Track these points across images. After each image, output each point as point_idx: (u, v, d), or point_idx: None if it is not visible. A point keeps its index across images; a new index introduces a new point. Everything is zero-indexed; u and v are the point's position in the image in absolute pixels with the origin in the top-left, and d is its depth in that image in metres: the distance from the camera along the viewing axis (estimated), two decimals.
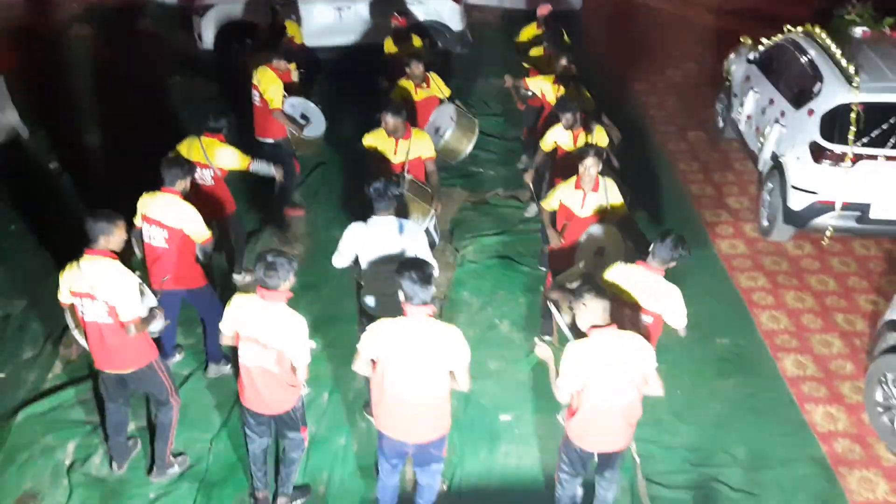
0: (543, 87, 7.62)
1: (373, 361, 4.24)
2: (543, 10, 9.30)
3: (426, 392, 4.15)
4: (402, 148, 6.40)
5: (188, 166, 5.53)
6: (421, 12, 11.36)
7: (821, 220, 7.15)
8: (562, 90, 7.42)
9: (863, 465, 5.44)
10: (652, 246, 4.75)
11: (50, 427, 5.56)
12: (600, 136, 6.77)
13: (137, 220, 5.48)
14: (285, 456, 4.87)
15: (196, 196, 6.39)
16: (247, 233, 7.19)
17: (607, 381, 4.12)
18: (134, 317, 4.58)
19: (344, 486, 5.21)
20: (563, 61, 7.47)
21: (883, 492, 5.25)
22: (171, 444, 5.15)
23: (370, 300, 5.23)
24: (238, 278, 7.05)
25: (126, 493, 5.14)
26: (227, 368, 6.03)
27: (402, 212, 5.22)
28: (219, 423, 5.64)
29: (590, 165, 5.76)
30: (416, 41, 9.19)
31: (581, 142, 6.66)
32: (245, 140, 7.46)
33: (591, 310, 4.10)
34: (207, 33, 11.29)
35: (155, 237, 5.41)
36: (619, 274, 4.81)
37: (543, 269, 7.24)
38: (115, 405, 5.07)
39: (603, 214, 5.88)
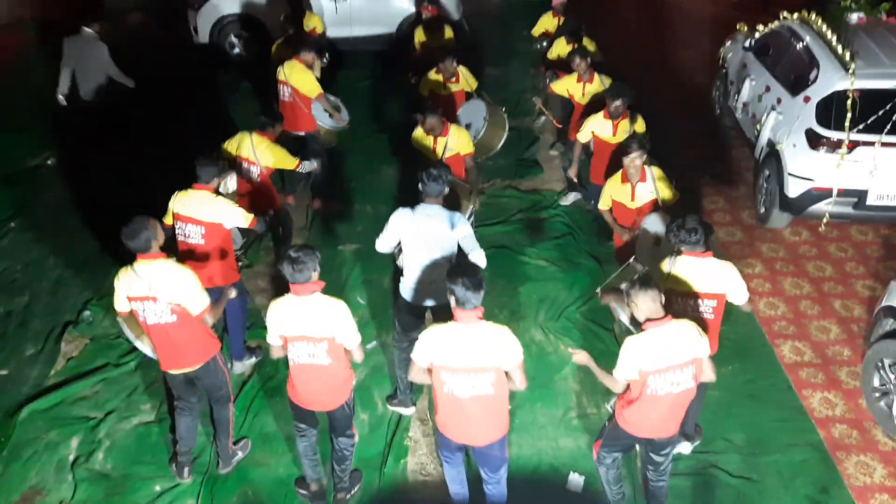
0: (569, 88, 7.65)
1: (428, 369, 4.25)
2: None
3: (483, 394, 4.15)
4: (441, 145, 6.47)
5: (224, 165, 5.50)
6: (417, 1, 11.32)
7: (818, 207, 7.17)
8: (587, 87, 7.45)
9: (860, 449, 5.49)
10: (681, 238, 4.73)
11: (54, 423, 5.61)
12: (641, 125, 6.81)
13: (168, 219, 5.43)
14: (338, 455, 4.91)
15: (242, 191, 6.45)
16: (292, 228, 7.17)
17: (665, 371, 4.17)
18: (205, 306, 4.62)
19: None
20: (578, 61, 7.44)
21: (880, 476, 5.30)
22: (231, 437, 5.21)
23: (410, 289, 5.24)
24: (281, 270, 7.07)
25: (131, 487, 5.19)
26: (251, 361, 6.08)
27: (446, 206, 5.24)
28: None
29: (634, 157, 5.82)
30: (448, 32, 9.20)
31: (621, 132, 6.69)
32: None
33: (642, 304, 4.17)
34: (203, 27, 11.27)
35: (191, 234, 5.36)
36: (671, 268, 4.80)
37: (563, 204, 7.53)
38: (187, 404, 5.06)
39: (654, 203, 5.93)
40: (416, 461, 5.37)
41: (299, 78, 7.36)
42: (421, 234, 5.09)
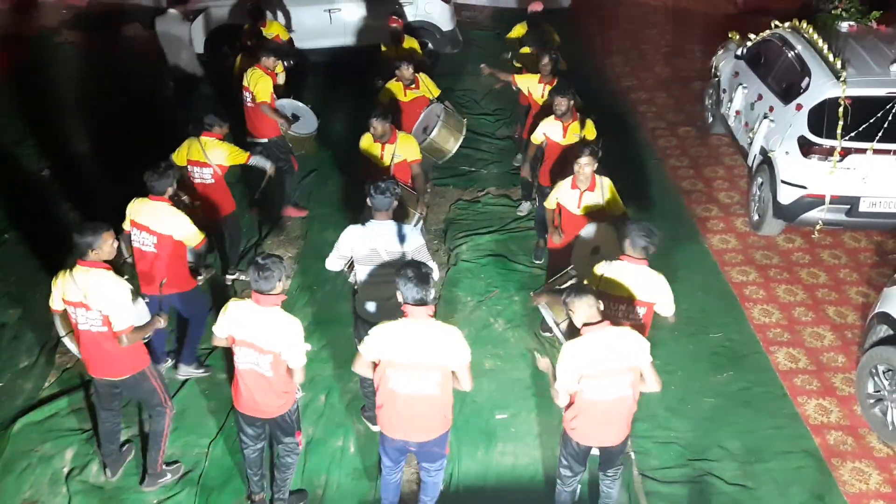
0: (530, 86, 7.67)
1: (374, 363, 4.27)
2: (535, 6, 9.34)
3: (428, 392, 4.19)
4: (388, 152, 6.45)
5: (174, 172, 5.53)
6: (411, 13, 11.37)
7: (811, 214, 7.20)
8: (547, 89, 7.46)
9: (855, 456, 5.50)
10: (625, 238, 4.80)
11: (47, 435, 5.58)
12: (590, 131, 6.81)
13: (126, 225, 5.51)
14: (280, 461, 4.89)
15: (196, 195, 6.46)
16: (241, 233, 7.22)
17: (602, 375, 4.17)
18: (127, 326, 4.61)
19: (341, 489, 5.24)
20: (545, 60, 7.51)
21: (875, 482, 5.30)
22: (163, 453, 5.15)
23: (370, 306, 5.22)
24: (231, 277, 7.09)
25: (124, 499, 5.16)
26: (198, 372, 6.06)
27: (393, 215, 5.22)
28: (216, 428, 5.66)
29: (584, 164, 5.79)
30: (412, 42, 9.23)
31: (571, 134, 6.70)
32: (239, 142, 7.50)
33: (579, 309, 4.19)
34: (197, 37, 11.28)
35: (145, 242, 5.44)
36: (606, 271, 4.86)
37: (538, 261, 7.30)
38: (108, 413, 5.08)
39: (599, 213, 5.92)
40: (411, 471, 5.35)
41: (254, 83, 7.40)
42: (374, 251, 5.07)
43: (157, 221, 5.39)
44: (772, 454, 5.48)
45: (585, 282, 4.83)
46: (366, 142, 6.59)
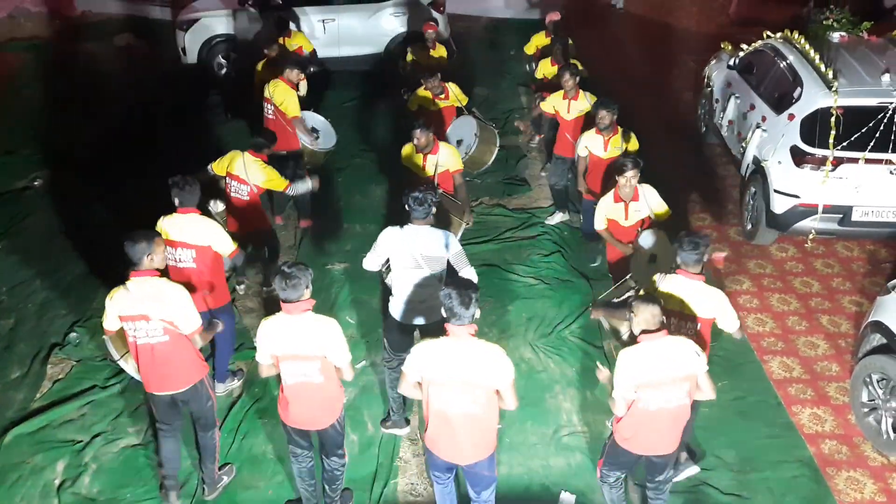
0: (556, 105, 7.71)
1: (419, 383, 4.24)
2: (553, 16, 9.39)
3: (472, 410, 4.14)
4: (431, 162, 6.48)
5: (199, 184, 5.46)
6: (405, 23, 11.42)
7: (804, 223, 7.22)
8: (572, 104, 7.53)
9: (850, 465, 5.50)
10: (677, 255, 4.76)
11: (39, 447, 5.53)
12: (632, 141, 6.87)
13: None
14: (329, 475, 4.87)
15: (231, 210, 6.49)
16: (279, 248, 7.19)
17: (658, 384, 4.18)
18: (198, 326, 4.61)
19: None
20: (566, 77, 7.52)
21: (870, 492, 5.30)
22: (218, 462, 5.15)
23: (402, 308, 5.23)
24: (268, 290, 7.09)
25: None
26: (235, 383, 6.04)
27: (437, 224, 5.25)
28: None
29: (630, 177, 5.86)
30: (441, 51, 9.29)
31: (612, 147, 6.77)
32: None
33: (641, 316, 4.19)
34: (192, 47, 11.31)
35: (182, 259, 5.34)
36: (663, 285, 4.82)
37: (594, 265, 7.41)
38: (170, 427, 4.97)
39: (647, 221, 5.96)
40: (407, 482, 5.33)
41: (282, 97, 7.45)
42: (410, 254, 5.09)
43: (193, 234, 5.30)
44: (767, 463, 5.47)
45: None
46: (407, 152, 6.64)
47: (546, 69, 8.77)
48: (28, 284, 7.17)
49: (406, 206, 5.11)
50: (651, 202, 5.99)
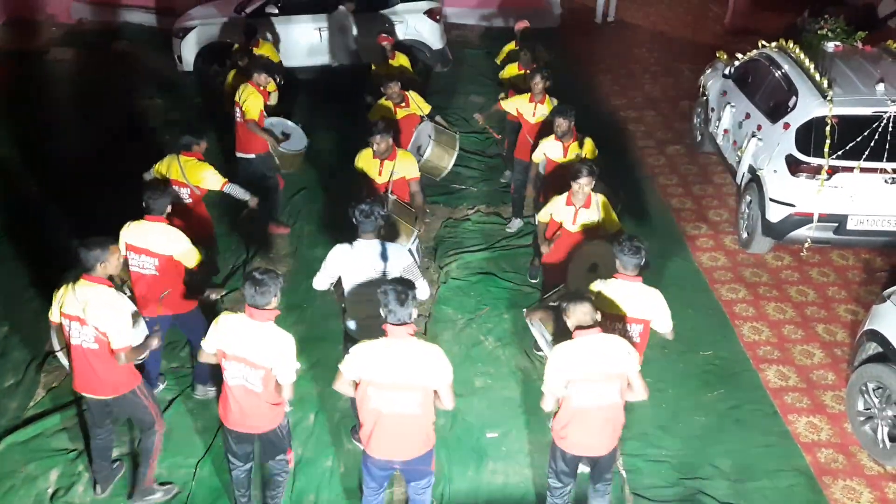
0: (519, 107, 7.67)
1: (356, 382, 4.24)
2: (521, 24, 9.39)
3: (409, 411, 4.15)
4: (387, 169, 6.43)
5: (171, 191, 5.50)
6: (401, 31, 11.44)
7: (799, 232, 7.23)
8: (538, 107, 7.49)
9: (846, 474, 5.49)
10: (616, 258, 4.80)
11: (32, 455, 5.50)
12: (590, 149, 6.83)
13: (122, 250, 5.38)
14: (270, 479, 4.83)
15: (174, 215, 6.42)
16: (218, 253, 7.18)
17: (590, 380, 4.19)
18: (125, 345, 4.57)
19: None
20: (536, 79, 7.48)
21: (867, 501, 5.29)
22: (152, 470, 5.09)
23: (353, 324, 5.22)
24: (213, 295, 7.02)
25: None
26: (212, 391, 5.99)
27: (388, 233, 5.21)
28: (203, 448, 5.59)
29: (584, 184, 5.82)
30: (402, 59, 9.27)
31: (571, 154, 6.72)
32: (228, 158, 7.53)
33: (574, 314, 4.22)
34: (188, 55, 11.32)
35: (144, 265, 5.36)
36: (602, 289, 4.85)
37: (533, 280, 7.29)
38: (99, 430, 5.03)
39: (595, 230, 5.94)
40: (402, 490, 5.31)
41: (244, 99, 7.44)
42: (362, 270, 5.06)
43: (157, 242, 5.31)
44: (763, 472, 5.46)
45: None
46: (363, 158, 6.54)
47: (512, 72, 8.72)
48: (22, 292, 7.13)
49: (353, 220, 5.07)
50: (602, 212, 5.95)
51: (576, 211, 5.95)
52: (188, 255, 5.42)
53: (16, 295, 7.11)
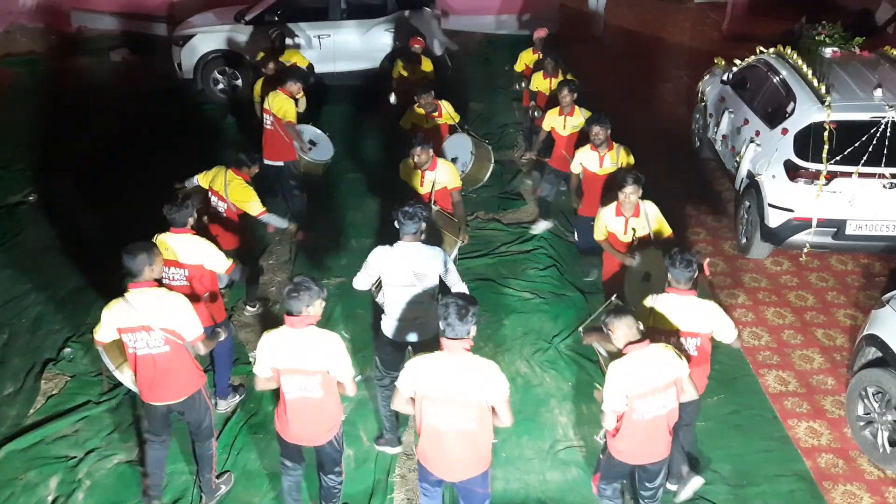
0: (552, 122, 7.72)
1: (412, 398, 4.21)
2: (541, 32, 9.42)
3: (466, 427, 4.10)
4: (428, 179, 6.46)
5: (194, 202, 5.44)
6: (399, 38, 11.47)
7: (798, 237, 7.24)
8: (567, 120, 7.57)
9: (847, 479, 5.49)
10: (668, 272, 4.77)
11: (32, 463, 5.49)
12: (626, 156, 6.87)
13: None
14: (326, 492, 4.83)
15: (210, 224, 6.43)
16: (258, 267, 7.23)
17: (650, 393, 4.20)
18: (201, 333, 4.62)
19: None
20: (565, 93, 7.53)
21: None
22: (215, 472, 5.14)
23: (395, 326, 5.21)
24: (250, 310, 7.06)
25: None
26: (236, 399, 6.01)
27: (430, 242, 5.24)
28: None
29: (630, 192, 5.84)
30: (427, 65, 9.32)
31: (608, 163, 6.78)
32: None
33: (619, 331, 4.23)
34: (187, 63, 11.34)
35: (175, 277, 5.33)
36: (655, 305, 4.81)
37: (588, 279, 7.38)
38: (159, 438, 5.00)
39: (647, 238, 5.96)
40: (403, 497, 5.31)
41: (280, 105, 7.51)
42: (402, 272, 5.07)
43: (185, 253, 5.29)
44: (763, 477, 5.46)
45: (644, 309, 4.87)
46: (405, 169, 6.62)
47: (539, 83, 8.84)
48: (22, 299, 7.14)
49: (396, 223, 5.09)
50: (652, 220, 5.99)
51: (626, 220, 5.98)
52: (217, 261, 5.38)
53: (16, 302, 7.11)
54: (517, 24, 14.22)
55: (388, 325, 5.26)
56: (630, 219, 5.99)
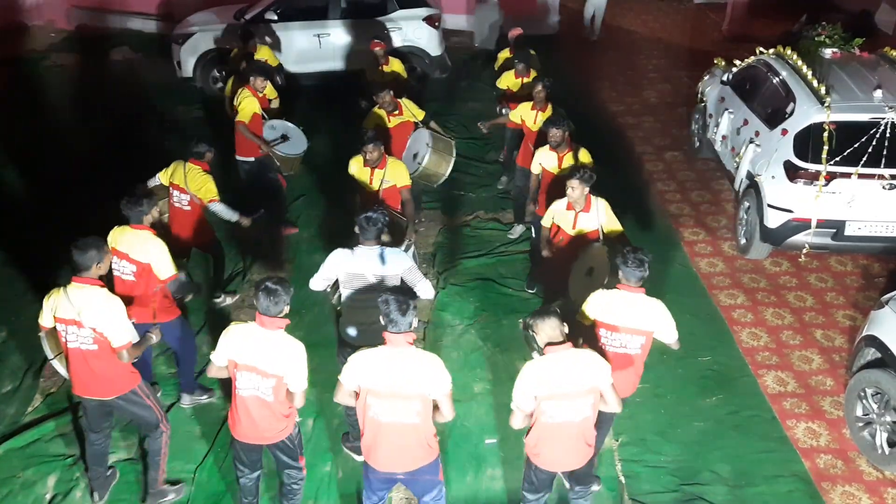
0: (523, 114, 7.69)
1: (356, 392, 4.22)
2: (514, 32, 9.43)
3: (408, 420, 4.12)
4: (377, 177, 6.45)
5: (150, 199, 5.41)
6: (399, 38, 11.48)
7: (797, 238, 7.24)
8: (540, 115, 7.50)
9: (845, 479, 5.49)
10: (620, 270, 4.76)
11: (30, 461, 5.49)
12: (585, 157, 6.84)
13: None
14: (286, 489, 4.80)
15: (175, 220, 6.46)
16: (224, 257, 7.18)
17: (562, 396, 4.16)
18: (126, 342, 4.59)
19: None
20: (538, 88, 7.51)
21: None
22: (163, 472, 5.09)
23: (351, 330, 5.20)
24: (218, 301, 7.05)
25: None
26: (203, 398, 5.99)
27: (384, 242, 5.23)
28: (202, 453, 5.58)
29: (574, 186, 5.84)
30: (396, 65, 9.29)
31: (567, 164, 6.72)
32: (226, 162, 7.58)
33: (542, 331, 4.20)
34: (187, 61, 11.34)
35: (125, 271, 5.35)
36: (602, 300, 4.82)
37: (531, 290, 7.28)
38: (97, 435, 5.01)
39: (595, 235, 5.94)
40: (401, 496, 5.30)
41: (240, 102, 7.51)
42: (360, 275, 5.07)
43: (136, 249, 5.30)
44: (762, 478, 5.46)
45: (583, 308, 4.86)
46: (355, 166, 6.60)
47: (509, 81, 8.73)
48: (20, 298, 7.13)
49: (357, 228, 5.09)
50: (603, 216, 5.97)
51: (576, 215, 5.97)
52: (162, 266, 5.33)
53: (13, 300, 7.10)
54: (518, 25, 14.19)
55: (345, 328, 5.24)
56: (580, 213, 5.96)
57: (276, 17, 11.23)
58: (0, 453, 5.54)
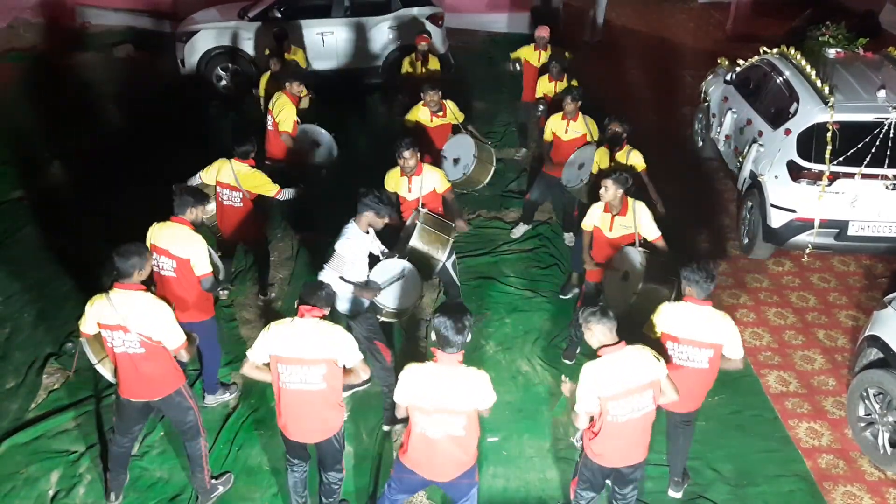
0: (554, 127, 7.63)
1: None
2: (542, 31, 9.33)
3: (455, 434, 4.16)
4: (416, 185, 6.39)
5: (200, 196, 5.43)
6: (402, 37, 11.47)
7: (800, 238, 7.24)
8: (570, 125, 7.49)
9: (847, 479, 5.49)
10: (684, 282, 4.72)
11: (33, 457, 5.50)
12: (636, 159, 6.87)
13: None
14: (327, 488, 4.84)
15: (225, 218, 6.52)
16: (269, 259, 7.24)
17: (624, 395, 4.19)
18: (182, 342, 4.63)
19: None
20: (568, 100, 7.40)
21: None
22: (208, 472, 5.10)
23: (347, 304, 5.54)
24: (263, 298, 7.13)
25: None
26: (225, 396, 6.01)
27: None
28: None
29: (608, 187, 5.82)
30: (435, 63, 9.29)
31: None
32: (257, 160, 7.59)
33: (597, 331, 4.23)
34: (191, 59, 11.35)
35: (164, 267, 5.34)
36: (672, 313, 4.77)
37: (564, 297, 7.25)
38: (125, 438, 5.00)
39: (631, 238, 5.94)
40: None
41: (279, 109, 7.51)
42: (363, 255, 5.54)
43: (177, 245, 5.29)
44: (763, 478, 5.46)
45: (652, 319, 4.85)
46: (392, 179, 6.46)
47: (544, 87, 8.73)
48: (24, 294, 7.15)
49: (359, 205, 5.48)
50: (640, 221, 5.97)
51: (612, 217, 5.97)
52: (199, 262, 5.34)
53: (18, 297, 7.12)
54: (521, 23, 14.21)
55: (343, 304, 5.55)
56: (616, 216, 5.96)
57: (279, 16, 11.23)
58: (3, 449, 5.55)
